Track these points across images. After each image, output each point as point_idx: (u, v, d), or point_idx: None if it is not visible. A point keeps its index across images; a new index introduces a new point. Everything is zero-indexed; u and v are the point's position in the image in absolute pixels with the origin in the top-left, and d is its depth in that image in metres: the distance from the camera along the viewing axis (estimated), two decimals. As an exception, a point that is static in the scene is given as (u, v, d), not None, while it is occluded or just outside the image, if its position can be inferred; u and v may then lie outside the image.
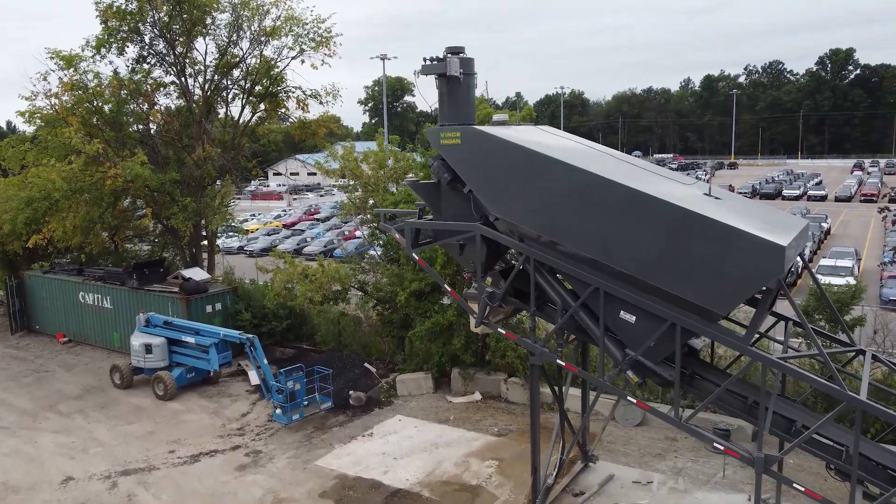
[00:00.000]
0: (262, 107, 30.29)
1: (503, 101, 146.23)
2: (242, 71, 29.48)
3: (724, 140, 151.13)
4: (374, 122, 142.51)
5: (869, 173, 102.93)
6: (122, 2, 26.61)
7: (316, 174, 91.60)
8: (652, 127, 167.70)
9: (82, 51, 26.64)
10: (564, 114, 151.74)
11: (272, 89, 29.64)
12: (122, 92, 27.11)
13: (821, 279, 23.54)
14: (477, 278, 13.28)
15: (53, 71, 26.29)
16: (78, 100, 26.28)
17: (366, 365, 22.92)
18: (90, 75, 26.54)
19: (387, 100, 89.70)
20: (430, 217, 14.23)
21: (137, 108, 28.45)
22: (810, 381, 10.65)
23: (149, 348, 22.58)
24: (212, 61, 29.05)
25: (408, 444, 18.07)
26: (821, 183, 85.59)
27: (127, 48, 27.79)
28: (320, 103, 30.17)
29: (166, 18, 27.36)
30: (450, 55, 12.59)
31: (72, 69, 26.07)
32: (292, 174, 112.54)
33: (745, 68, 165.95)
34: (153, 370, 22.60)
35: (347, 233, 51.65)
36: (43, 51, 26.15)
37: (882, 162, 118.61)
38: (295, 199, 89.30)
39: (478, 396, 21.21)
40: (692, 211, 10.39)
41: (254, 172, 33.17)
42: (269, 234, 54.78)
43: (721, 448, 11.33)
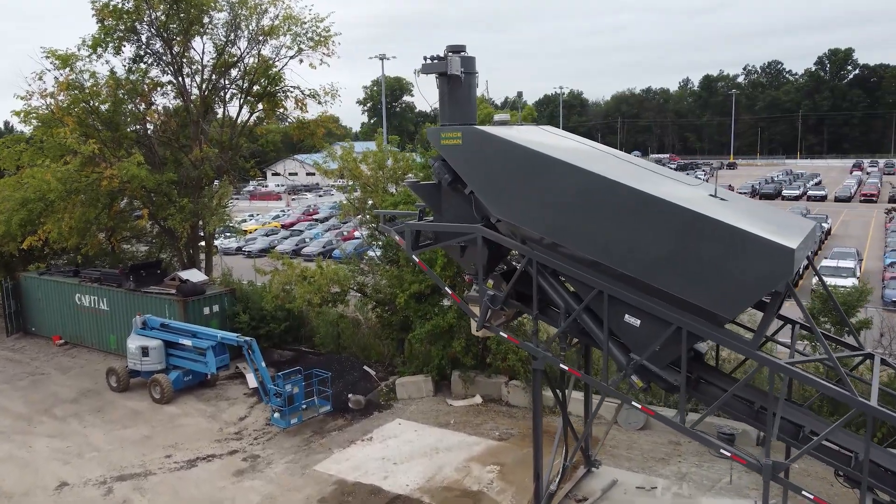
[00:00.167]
0: (260, 107, 30.07)
1: (502, 102, 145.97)
2: (240, 70, 29.30)
3: (723, 140, 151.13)
4: (373, 122, 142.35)
5: (868, 173, 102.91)
6: (119, 1, 26.36)
7: (315, 174, 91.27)
8: (651, 127, 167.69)
9: (78, 50, 26.42)
10: (563, 114, 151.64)
11: (270, 89, 29.42)
12: (120, 92, 26.86)
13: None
14: (478, 281, 13.06)
15: (49, 70, 26.07)
16: (74, 99, 26.02)
17: (365, 368, 22.67)
18: (86, 75, 26.34)
19: (386, 100, 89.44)
20: (431, 218, 14.02)
21: (134, 109, 28.20)
22: (820, 386, 10.42)
23: (145, 351, 22.34)
24: (209, 61, 28.86)
25: (408, 449, 17.83)
26: (820, 183, 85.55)
27: (124, 47, 27.53)
28: (319, 103, 30.03)
29: (163, 17, 27.12)
30: (450, 54, 12.36)
31: (67, 69, 25.82)
32: (291, 174, 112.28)
33: (744, 68, 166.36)
34: (150, 373, 22.35)
35: (346, 233, 51.44)
36: (38, 50, 25.71)
37: (881, 162, 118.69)
38: (293, 200, 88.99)
39: (478, 399, 20.97)
40: (699, 213, 10.19)
41: (251, 173, 32.91)
42: (267, 235, 54.59)
43: (728, 454, 11.10)
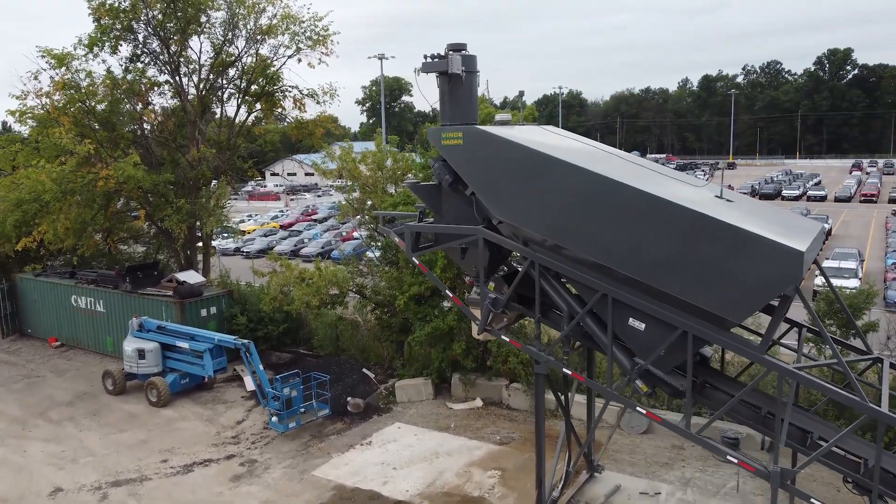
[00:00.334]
0: (258, 106, 29.80)
1: (501, 102, 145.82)
2: (238, 70, 29.00)
3: (722, 140, 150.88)
4: (372, 122, 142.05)
5: (868, 173, 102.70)
6: (115, -1, 26.11)
7: (313, 175, 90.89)
8: (650, 127, 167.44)
9: (74, 49, 26.13)
10: (562, 114, 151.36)
11: (268, 89, 29.13)
12: (118, 93, 26.57)
13: (824, 281, 23.06)
14: (480, 283, 12.82)
15: (45, 70, 25.79)
16: (70, 99, 25.74)
17: (364, 370, 22.42)
18: (82, 74, 26.03)
19: (385, 100, 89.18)
20: (431, 220, 13.78)
21: (131, 108, 27.93)
22: (830, 392, 10.19)
23: (142, 353, 22.08)
24: (207, 60, 28.57)
25: (407, 454, 17.58)
26: (820, 183, 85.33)
27: (120, 47, 27.28)
28: (317, 103, 29.74)
29: (160, 16, 26.86)
30: (451, 52, 12.12)
31: (63, 68, 25.52)
32: (289, 174, 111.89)
33: (743, 68, 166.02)
34: (146, 376, 22.09)
35: (345, 234, 51.18)
36: (34, 49, 25.44)
37: (881, 162, 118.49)
38: (292, 200, 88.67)
39: (479, 403, 20.72)
40: (705, 214, 9.97)
41: (249, 173, 32.64)
42: (266, 236, 54.37)
43: (735, 461, 10.88)
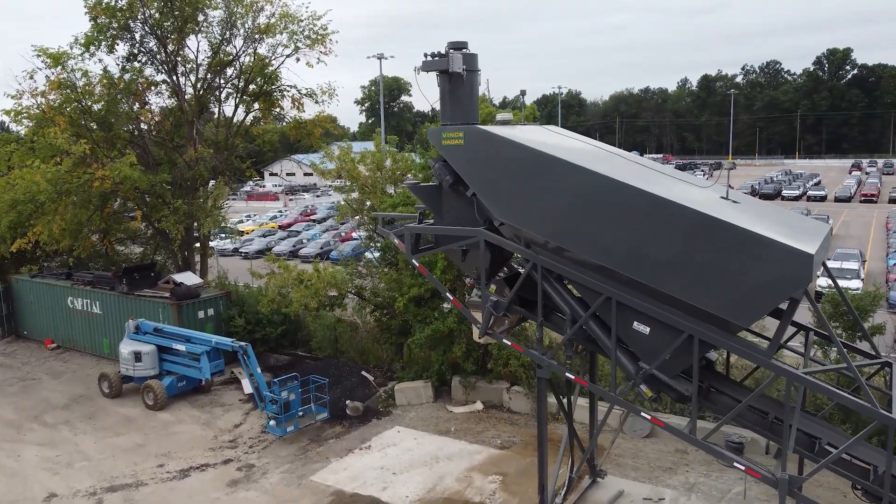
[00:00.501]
0: (256, 106, 29.54)
1: (500, 102, 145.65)
2: (236, 69, 28.74)
3: (722, 140, 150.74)
4: (371, 122, 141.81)
5: (867, 173, 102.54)
6: (112, -2, 25.84)
7: (312, 174, 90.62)
8: (649, 127, 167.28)
9: (71, 48, 25.87)
10: (562, 114, 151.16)
11: (266, 88, 28.88)
12: (116, 93, 26.29)
13: (826, 282, 22.80)
14: (481, 286, 12.58)
15: (40, 69, 25.52)
16: (66, 99, 25.48)
17: (363, 373, 22.18)
18: (78, 73, 25.77)
19: (384, 100, 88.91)
20: (431, 221, 13.54)
21: (128, 108, 27.65)
22: (840, 398, 9.95)
23: (138, 356, 21.82)
24: (204, 59, 28.29)
25: (407, 458, 17.34)
26: (820, 183, 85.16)
27: (117, 46, 27.03)
28: (316, 102, 29.48)
29: (157, 15, 26.60)
30: (452, 50, 11.87)
31: (59, 67, 25.26)
32: (288, 174, 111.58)
33: (743, 68, 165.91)
34: (143, 379, 21.84)
35: (344, 234, 50.93)
36: (30, 48, 25.17)
37: (880, 162, 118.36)
38: (291, 200, 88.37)
39: (479, 406, 20.48)
40: (712, 216, 9.74)
41: (247, 174, 32.36)
42: (264, 236, 54.10)
43: (742, 468, 10.64)
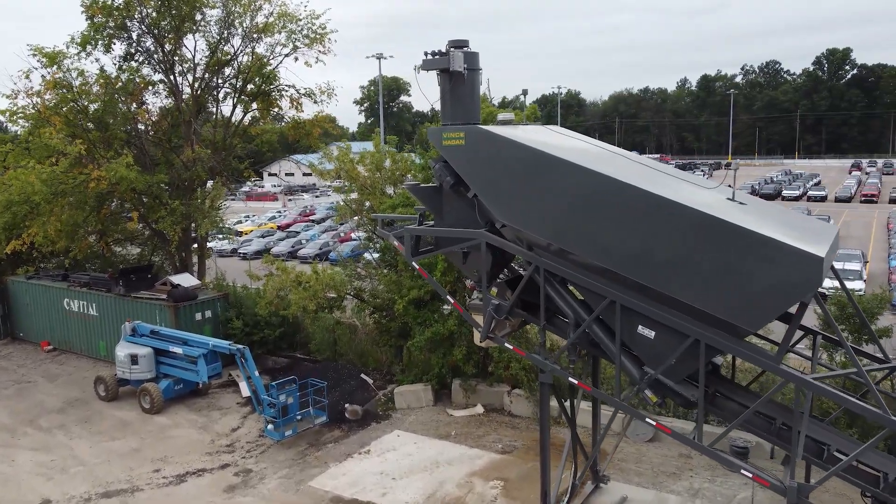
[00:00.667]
0: (255, 106, 29.32)
1: (500, 102, 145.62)
2: (234, 69, 28.55)
3: (721, 140, 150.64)
4: (370, 122, 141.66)
5: (867, 173, 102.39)
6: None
7: (311, 174, 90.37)
8: (648, 127, 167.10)
9: (67, 48, 25.63)
10: (561, 114, 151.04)
11: (265, 88, 28.68)
12: (113, 93, 26.05)
13: (829, 283, 22.56)
14: (482, 289, 12.35)
15: (36, 69, 25.28)
16: (62, 98, 25.24)
17: (362, 376, 21.95)
18: (74, 73, 25.54)
19: (383, 100, 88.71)
20: (431, 222, 13.29)
21: (125, 108, 27.41)
22: (851, 405, 9.71)
23: (135, 359, 21.57)
24: (202, 59, 28.11)
25: (407, 463, 17.10)
26: (820, 183, 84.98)
27: (114, 45, 26.82)
28: (315, 102, 29.30)
29: (154, 14, 26.42)
30: (453, 49, 11.63)
31: (55, 67, 25.02)
32: (287, 175, 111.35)
33: (742, 68, 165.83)
34: (139, 382, 21.59)
35: (343, 235, 50.66)
36: (25, 48, 24.88)
37: (880, 162, 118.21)
38: (290, 201, 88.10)
39: (480, 409, 20.25)
40: (719, 218, 9.50)
41: (246, 174, 32.13)
42: (263, 237, 53.84)
43: (749, 475, 10.40)
